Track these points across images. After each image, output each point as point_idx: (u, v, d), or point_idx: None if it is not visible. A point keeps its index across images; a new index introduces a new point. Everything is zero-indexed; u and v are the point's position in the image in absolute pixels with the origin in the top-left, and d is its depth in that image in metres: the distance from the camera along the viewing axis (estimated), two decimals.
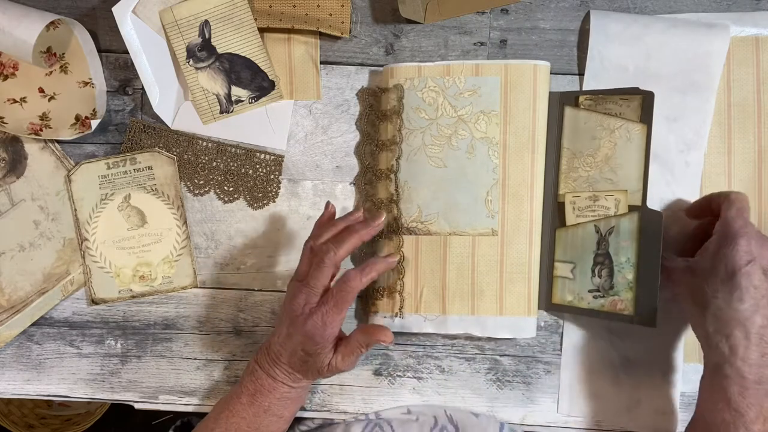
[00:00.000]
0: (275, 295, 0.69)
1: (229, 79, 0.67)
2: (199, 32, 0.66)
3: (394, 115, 0.66)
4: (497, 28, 0.68)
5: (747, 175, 0.67)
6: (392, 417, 0.67)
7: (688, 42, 0.65)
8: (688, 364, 0.67)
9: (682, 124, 0.66)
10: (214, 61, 0.66)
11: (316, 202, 0.69)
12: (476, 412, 0.68)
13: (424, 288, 0.66)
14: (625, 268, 0.63)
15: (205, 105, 0.67)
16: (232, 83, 0.67)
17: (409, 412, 0.68)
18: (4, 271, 0.69)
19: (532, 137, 0.65)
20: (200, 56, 0.66)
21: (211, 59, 0.66)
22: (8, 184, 0.69)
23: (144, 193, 0.68)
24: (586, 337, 0.67)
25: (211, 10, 0.66)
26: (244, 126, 0.69)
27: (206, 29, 0.66)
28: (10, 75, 0.69)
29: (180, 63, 0.66)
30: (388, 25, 0.68)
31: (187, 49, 0.66)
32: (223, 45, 0.66)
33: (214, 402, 0.69)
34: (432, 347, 0.69)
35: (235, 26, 0.66)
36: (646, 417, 0.67)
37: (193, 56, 0.66)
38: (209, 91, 0.67)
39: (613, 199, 0.64)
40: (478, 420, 0.67)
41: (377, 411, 0.68)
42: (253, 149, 0.69)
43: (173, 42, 0.66)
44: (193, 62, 0.66)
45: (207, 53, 0.66)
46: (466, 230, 0.65)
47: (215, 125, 0.69)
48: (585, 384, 0.67)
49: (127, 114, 0.69)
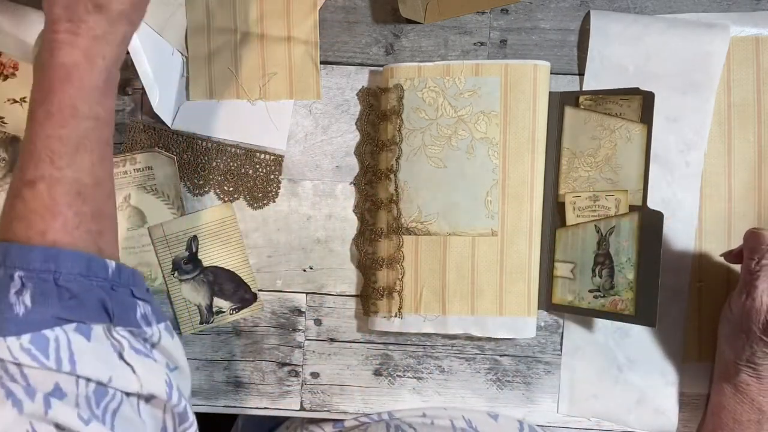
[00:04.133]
0: (275, 295, 0.69)
1: (212, 291, 0.68)
2: (186, 246, 0.68)
3: (394, 115, 0.66)
4: (497, 28, 0.68)
5: (747, 175, 0.66)
6: (410, 420, 0.66)
7: (688, 42, 0.65)
8: (688, 364, 0.67)
9: (682, 124, 0.66)
10: (199, 274, 0.68)
11: (316, 202, 0.69)
12: (494, 413, 0.67)
13: (424, 288, 0.66)
14: (625, 268, 0.63)
15: (185, 315, 0.68)
16: (215, 295, 0.68)
17: (425, 415, 0.67)
18: None
19: (532, 137, 0.65)
20: (186, 269, 0.68)
21: (196, 272, 0.68)
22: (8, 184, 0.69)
23: (144, 193, 0.68)
24: (586, 337, 0.67)
25: (200, 227, 0.68)
26: (245, 126, 0.69)
27: (194, 244, 0.68)
28: (10, 75, 0.69)
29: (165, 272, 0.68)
30: (388, 25, 0.68)
31: (173, 262, 0.68)
32: (209, 258, 0.68)
33: (214, 402, 0.69)
34: (432, 347, 0.69)
35: (223, 241, 0.68)
36: (646, 417, 0.67)
37: (179, 269, 0.67)
38: (191, 302, 0.68)
39: (613, 199, 0.64)
40: (498, 423, 0.66)
41: (390, 411, 0.68)
42: (252, 149, 0.69)
43: (160, 255, 0.68)
44: (178, 274, 0.68)
45: (192, 266, 0.68)
46: (465, 230, 0.65)
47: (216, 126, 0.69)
48: (585, 384, 0.67)
49: (127, 114, 0.69)
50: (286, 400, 0.69)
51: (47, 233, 0.43)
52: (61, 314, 0.41)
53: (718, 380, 0.62)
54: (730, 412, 0.60)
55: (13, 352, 0.39)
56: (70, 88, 0.45)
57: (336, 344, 0.69)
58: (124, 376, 0.42)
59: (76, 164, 0.44)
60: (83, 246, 0.44)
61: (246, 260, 0.69)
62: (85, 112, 0.45)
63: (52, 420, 0.39)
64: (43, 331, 0.40)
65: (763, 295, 0.56)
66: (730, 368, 0.60)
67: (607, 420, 0.67)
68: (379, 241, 0.67)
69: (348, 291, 0.69)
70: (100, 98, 0.46)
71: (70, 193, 0.44)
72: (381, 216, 0.67)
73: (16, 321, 0.39)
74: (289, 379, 0.69)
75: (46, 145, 0.44)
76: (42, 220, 0.43)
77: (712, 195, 0.67)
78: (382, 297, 0.66)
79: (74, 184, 0.44)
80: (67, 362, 0.40)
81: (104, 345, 0.42)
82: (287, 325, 0.69)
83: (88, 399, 0.41)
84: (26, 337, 0.39)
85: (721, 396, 0.61)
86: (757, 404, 0.58)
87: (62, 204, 0.43)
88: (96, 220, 0.45)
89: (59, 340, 0.40)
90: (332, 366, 0.69)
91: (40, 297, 0.41)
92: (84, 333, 0.42)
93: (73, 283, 0.42)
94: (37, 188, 0.43)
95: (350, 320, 0.69)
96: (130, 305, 0.45)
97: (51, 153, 0.44)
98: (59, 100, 0.44)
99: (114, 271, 0.45)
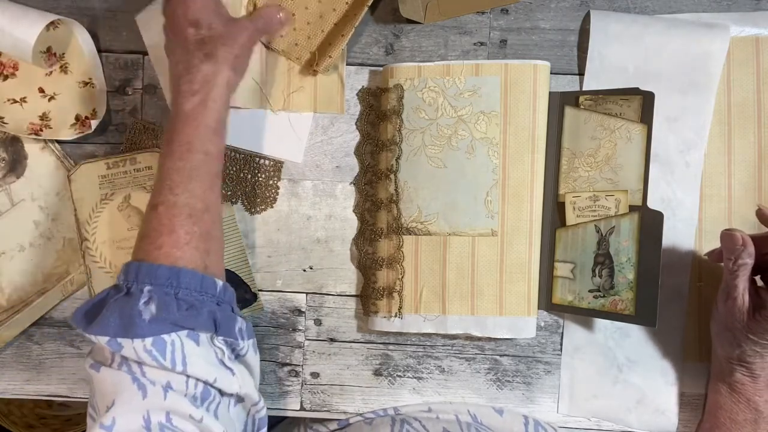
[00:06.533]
0: (275, 295, 0.69)
1: None
2: None
3: (394, 115, 0.66)
4: (497, 28, 0.68)
5: (747, 175, 0.66)
6: (416, 415, 0.67)
7: (688, 42, 0.65)
8: (688, 364, 0.67)
9: (682, 124, 0.66)
10: None
11: (316, 202, 0.69)
12: (499, 408, 0.68)
13: (424, 288, 0.66)
14: (625, 268, 0.63)
15: None
16: None
17: (430, 410, 0.67)
18: (4, 271, 0.69)
19: (532, 137, 0.65)
20: None
21: None
22: (8, 184, 0.69)
23: (144, 193, 0.68)
24: (586, 337, 0.67)
25: None
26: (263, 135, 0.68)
27: None
28: (10, 75, 0.69)
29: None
30: (388, 25, 0.68)
31: None
32: None
33: None
34: (432, 347, 0.69)
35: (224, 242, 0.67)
36: (646, 417, 0.67)
37: None
38: None
39: (613, 199, 0.64)
40: (503, 418, 0.67)
41: (395, 406, 0.68)
42: (252, 154, 0.69)
43: None
44: None
45: None
46: (465, 230, 0.65)
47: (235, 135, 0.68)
48: (585, 384, 0.67)
49: (127, 114, 0.69)
50: (286, 400, 0.69)
51: (163, 246, 0.50)
52: (179, 322, 0.48)
53: (714, 379, 0.63)
54: (726, 412, 0.60)
55: (138, 353, 0.46)
56: (188, 128, 0.54)
57: (336, 344, 0.69)
58: (226, 377, 0.50)
59: (189, 191, 0.52)
60: (191, 259, 0.51)
61: (246, 260, 0.69)
62: (198, 147, 0.53)
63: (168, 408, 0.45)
64: (162, 335, 0.47)
65: (745, 294, 0.57)
66: (725, 367, 0.60)
67: (607, 420, 0.67)
68: (379, 241, 0.67)
69: (348, 291, 0.69)
70: (212, 137, 0.54)
71: (183, 215, 0.52)
72: (381, 216, 0.67)
73: (143, 326, 0.46)
74: (289, 379, 0.69)
75: (168, 176, 0.53)
76: (159, 236, 0.51)
77: (712, 195, 0.67)
78: (382, 297, 0.66)
79: (186, 207, 0.52)
80: (180, 363, 0.47)
81: (210, 350, 0.50)
82: (287, 325, 0.69)
83: (195, 398, 0.47)
84: (149, 339, 0.46)
85: (718, 395, 0.61)
86: (753, 404, 0.59)
87: (177, 224, 0.51)
88: (204, 240, 0.52)
89: (174, 344, 0.47)
90: (332, 366, 0.69)
91: (163, 307, 0.48)
92: (194, 339, 0.49)
93: (189, 296, 0.50)
94: (158, 210, 0.52)
95: (350, 320, 0.69)
96: (232, 319, 0.52)
97: (171, 182, 0.53)
98: (179, 139, 0.53)
99: (221, 289, 0.52)
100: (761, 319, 0.55)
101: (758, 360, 0.57)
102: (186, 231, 0.51)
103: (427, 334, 0.68)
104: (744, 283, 0.57)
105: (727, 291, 0.58)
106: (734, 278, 0.57)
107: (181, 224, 0.51)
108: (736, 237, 0.56)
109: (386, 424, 0.64)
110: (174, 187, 0.52)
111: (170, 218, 0.51)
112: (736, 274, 0.56)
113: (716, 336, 0.61)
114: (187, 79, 0.55)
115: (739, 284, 0.56)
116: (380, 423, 0.65)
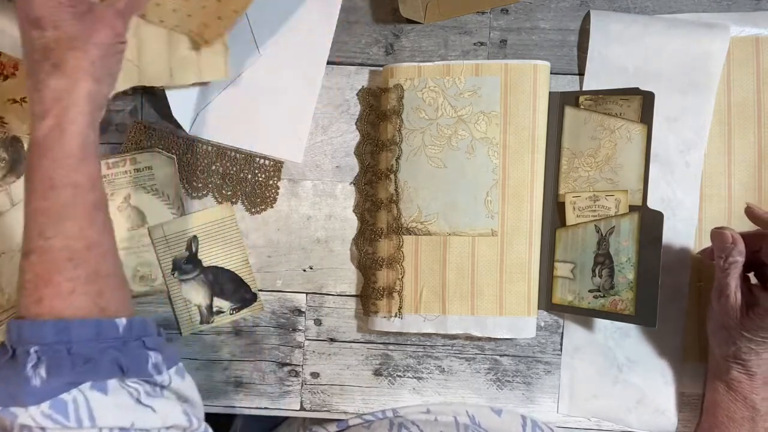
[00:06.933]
0: (275, 295, 0.69)
1: (212, 291, 0.68)
2: (186, 246, 0.68)
3: (394, 115, 0.66)
4: (497, 28, 0.68)
5: (747, 175, 0.66)
6: (414, 417, 0.66)
7: (688, 42, 0.65)
8: (688, 364, 0.67)
9: (682, 124, 0.66)
10: (199, 274, 0.68)
11: (316, 202, 0.69)
12: (497, 408, 0.67)
13: (424, 288, 0.66)
14: (625, 268, 0.63)
15: (185, 315, 0.68)
16: (215, 295, 0.68)
17: (428, 411, 0.67)
18: (4, 271, 0.68)
19: (532, 137, 0.65)
20: (186, 269, 0.68)
21: (196, 272, 0.68)
22: (8, 184, 0.69)
23: (144, 193, 0.68)
24: (586, 337, 0.67)
25: (200, 227, 0.68)
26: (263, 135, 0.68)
27: (194, 244, 0.68)
28: (10, 75, 0.69)
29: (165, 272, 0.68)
30: (388, 25, 0.68)
31: (173, 262, 0.68)
32: (209, 258, 0.68)
33: (214, 402, 0.69)
34: (432, 347, 0.69)
35: (223, 241, 0.68)
36: (646, 417, 0.67)
37: (179, 269, 0.68)
38: (191, 302, 0.68)
39: (613, 199, 0.64)
40: (501, 419, 0.66)
41: (394, 408, 0.68)
42: (253, 154, 0.69)
43: (160, 255, 0.68)
44: (179, 274, 0.68)
45: (192, 266, 0.68)
46: (465, 230, 0.65)
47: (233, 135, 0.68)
48: (585, 384, 0.67)
49: (127, 114, 0.69)
50: (286, 400, 0.69)
51: (43, 300, 0.44)
52: (76, 379, 0.43)
53: (711, 378, 0.63)
54: (724, 410, 0.60)
55: (36, 419, 0.41)
56: (44, 161, 0.45)
57: (336, 344, 0.69)
58: (145, 416, 0.45)
59: (62, 233, 0.45)
60: (80, 307, 0.45)
61: (246, 260, 0.69)
62: (62, 182, 0.46)
63: None
64: (60, 396, 0.42)
65: (737, 291, 0.57)
66: (721, 365, 0.61)
67: (607, 420, 0.67)
68: (379, 241, 0.67)
69: (348, 291, 0.69)
70: (77, 165, 0.46)
71: (60, 260, 0.45)
72: (381, 216, 0.67)
73: (34, 392, 0.42)
74: (289, 379, 0.69)
75: (34, 219, 0.46)
76: (36, 289, 0.45)
77: (712, 195, 0.67)
78: (382, 297, 0.66)
79: (63, 251, 0.45)
80: (87, 419, 0.42)
81: (122, 394, 0.45)
82: (287, 325, 0.69)
83: None
84: (46, 404, 0.42)
85: (715, 394, 0.61)
86: (750, 402, 0.59)
87: (53, 272, 0.45)
88: (92, 282, 0.46)
89: (77, 401, 0.43)
90: (332, 366, 0.69)
91: (54, 368, 0.42)
92: (100, 389, 0.44)
93: (85, 349, 0.44)
94: (30, 260, 0.45)
95: (350, 320, 0.69)
96: (143, 358, 0.46)
97: (38, 226, 0.45)
98: (38, 175, 0.46)
99: (125, 328, 0.46)
100: (754, 316, 0.55)
101: (754, 357, 0.57)
102: (67, 278, 0.45)
103: (427, 334, 0.68)
104: (736, 280, 0.57)
105: (719, 289, 0.58)
106: (726, 276, 0.57)
107: (60, 271, 0.45)
108: (726, 235, 0.56)
109: (384, 427, 0.64)
110: (43, 230, 0.45)
111: (46, 267, 0.45)
112: (727, 272, 0.57)
113: (712, 334, 0.61)
114: (37, 99, 0.46)
115: (731, 282, 0.57)
116: (378, 426, 0.65)
